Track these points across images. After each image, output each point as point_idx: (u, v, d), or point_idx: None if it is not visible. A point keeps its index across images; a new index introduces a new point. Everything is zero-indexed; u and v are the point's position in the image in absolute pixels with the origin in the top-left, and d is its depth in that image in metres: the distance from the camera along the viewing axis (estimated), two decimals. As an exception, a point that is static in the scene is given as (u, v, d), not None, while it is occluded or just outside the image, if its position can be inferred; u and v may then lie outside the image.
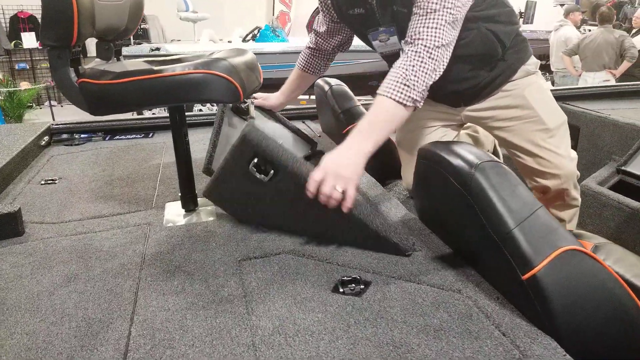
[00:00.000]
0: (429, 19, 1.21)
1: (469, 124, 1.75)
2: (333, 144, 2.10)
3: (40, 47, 7.85)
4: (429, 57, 1.20)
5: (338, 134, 2.02)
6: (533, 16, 10.79)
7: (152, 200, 1.64)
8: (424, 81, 1.20)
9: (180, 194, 1.54)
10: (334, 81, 2.10)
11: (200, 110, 5.55)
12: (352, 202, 1.13)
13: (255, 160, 1.22)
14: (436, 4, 1.21)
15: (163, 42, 7.92)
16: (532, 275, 0.91)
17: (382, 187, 1.63)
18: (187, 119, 2.03)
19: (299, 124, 2.54)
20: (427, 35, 1.21)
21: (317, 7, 1.65)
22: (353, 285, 1.09)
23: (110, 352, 0.91)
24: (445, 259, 1.18)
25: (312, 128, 2.46)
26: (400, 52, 1.28)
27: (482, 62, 1.47)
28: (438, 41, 1.21)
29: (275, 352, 0.89)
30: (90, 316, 1.02)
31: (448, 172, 1.05)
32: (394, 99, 1.19)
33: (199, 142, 2.25)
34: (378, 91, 1.22)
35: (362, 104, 2.03)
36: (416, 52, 1.21)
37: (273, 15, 9.61)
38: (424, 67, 1.20)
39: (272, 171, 1.22)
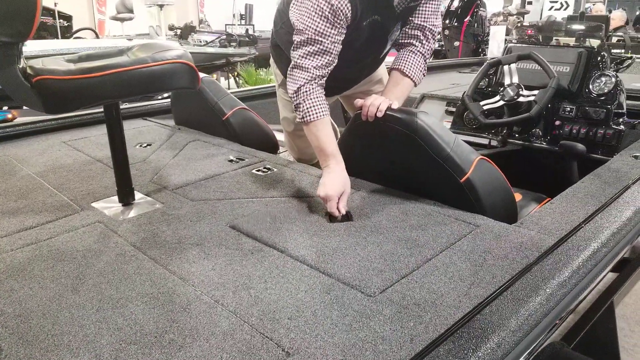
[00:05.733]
0: (436, 6, 1.65)
1: None
2: (201, 134, 2.28)
3: None
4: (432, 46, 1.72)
5: (213, 122, 2.21)
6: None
7: (70, 205, 1.58)
8: None
9: (117, 189, 1.55)
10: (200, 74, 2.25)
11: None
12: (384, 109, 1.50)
13: None
14: None
15: None
16: (466, 179, 1.40)
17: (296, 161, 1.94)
18: None
19: (139, 122, 2.57)
20: (437, 23, 1.67)
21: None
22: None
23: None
24: (381, 191, 1.60)
25: (162, 123, 2.53)
26: (405, 37, 1.71)
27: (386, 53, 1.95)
28: (439, 29, 1.69)
29: (329, 265, 1.17)
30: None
31: (396, 124, 1.47)
32: (416, 83, 1.68)
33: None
34: (404, 71, 1.66)
35: (232, 93, 2.26)
36: (431, 41, 1.70)
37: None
38: (432, 53, 1.70)
39: None
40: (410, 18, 1.67)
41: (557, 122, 2.29)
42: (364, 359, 0.88)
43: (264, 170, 1.82)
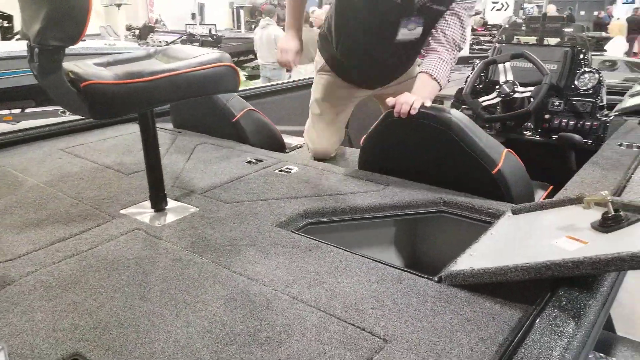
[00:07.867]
0: (460, 21, 1.76)
1: None
2: (204, 137, 2.27)
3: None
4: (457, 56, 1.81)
5: (222, 124, 2.21)
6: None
7: (98, 213, 1.53)
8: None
9: (150, 195, 1.53)
10: None
11: None
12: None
13: None
14: (468, 10, 1.78)
15: None
16: (498, 170, 1.49)
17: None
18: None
19: (134, 126, 2.52)
20: (459, 35, 1.77)
21: None
22: None
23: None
24: (411, 186, 1.66)
25: (160, 127, 2.48)
26: (433, 42, 1.80)
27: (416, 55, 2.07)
28: (464, 42, 1.80)
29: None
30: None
31: (430, 121, 1.53)
32: (442, 86, 1.76)
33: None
34: (432, 73, 1.73)
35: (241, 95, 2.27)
36: (454, 51, 1.79)
37: None
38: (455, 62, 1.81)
39: None
40: (437, 25, 1.79)
41: (547, 116, 2.45)
42: (457, 339, 0.93)
43: (287, 170, 1.84)
